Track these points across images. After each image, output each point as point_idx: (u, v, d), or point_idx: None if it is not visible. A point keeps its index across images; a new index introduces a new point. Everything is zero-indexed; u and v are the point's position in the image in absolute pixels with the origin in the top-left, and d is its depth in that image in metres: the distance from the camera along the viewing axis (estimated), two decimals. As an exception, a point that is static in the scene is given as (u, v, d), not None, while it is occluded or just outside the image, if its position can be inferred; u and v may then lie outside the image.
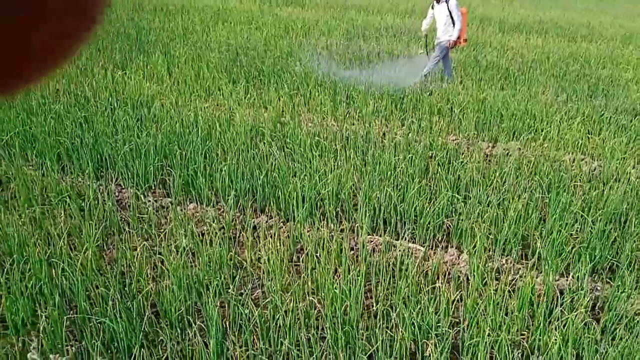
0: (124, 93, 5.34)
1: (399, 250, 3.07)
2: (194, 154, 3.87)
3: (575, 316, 2.34)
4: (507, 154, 4.62)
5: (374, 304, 2.61)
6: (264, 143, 4.27)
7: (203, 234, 3.20)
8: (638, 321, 2.47)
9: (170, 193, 3.67)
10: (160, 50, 7.35)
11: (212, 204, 3.54)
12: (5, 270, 2.47)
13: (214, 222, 3.24)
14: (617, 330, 2.39)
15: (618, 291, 2.65)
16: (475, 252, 2.92)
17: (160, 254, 2.90)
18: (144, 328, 2.24)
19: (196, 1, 13.28)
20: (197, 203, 3.57)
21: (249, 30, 9.78)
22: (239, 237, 3.23)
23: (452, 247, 3.22)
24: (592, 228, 3.21)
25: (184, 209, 3.46)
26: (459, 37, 6.62)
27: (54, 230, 2.94)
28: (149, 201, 3.52)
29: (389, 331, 2.30)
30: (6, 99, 0.26)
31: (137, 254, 2.85)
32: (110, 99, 5.04)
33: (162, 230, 3.23)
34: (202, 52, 7.39)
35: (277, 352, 2.21)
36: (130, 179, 3.72)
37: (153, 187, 3.75)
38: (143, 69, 6.34)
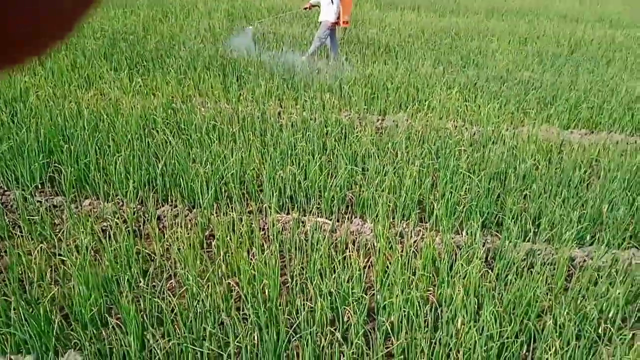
0: (-9, 87, 4.86)
1: (308, 226, 3.16)
2: (83, 148, 3.65)
3: (473, 268, 2.58)
4: (396, 125, 4.87)
5: (290, 280, 2.67)
6: (157, 131, 4.13)
7: (104, 230, 3.06)
8: (524, 267, 2.77)
9: (61, 191, 3.44)
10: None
11: (109, 199, 3.39)
12: None
13: (114, 216, 3.11)
14: (508, 276, 2.66)
15: (506, 242, 2.95)
16: (378, 219, 3.08)
17: (59, 255, 2.73)
18: (55, 332, 2.12)
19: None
20: (92, 199, 3.39)
21: (124, 14, 9.26)
22: (143, 229, 3.13)
23: (357, 217, 3.37)
24: (478, 187, 3.51)
25: (79, 206, 3.28)
26: (338, 19, 6.83)
27: None
28: (39, 201, 3.28)
29: (308, 302, 2.38)
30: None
31: (34, 258, 2.66)
32: (-24, 94, 4.57)
33: (57, 230, 3.04)
34: (76, 39, 6.89)
35: (201, 338, 2.21)
36: (14, 179, 3.43)
37: (41, 187, 3.50)
38: (10, 59, 5.79)
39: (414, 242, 3.02)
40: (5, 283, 2.55)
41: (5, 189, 3.43)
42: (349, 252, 2.88)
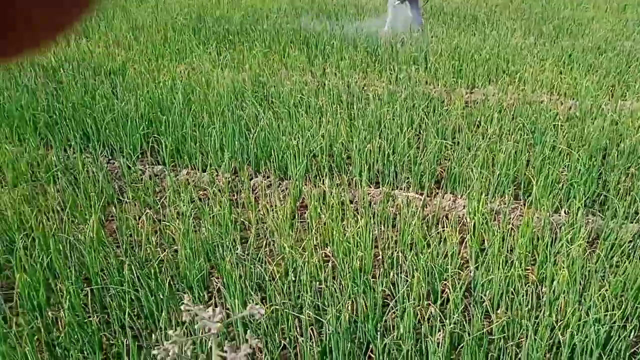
0: (93, 62, 5.15)
1: (399, 200, 3.14)
2: (180, 119, 3.80)
3: (575, 248, 2.47)
4: (486, 98, 4.70)
5: (381, 252, 2.68)
6: (247, 103, 4.22)
7: (201, 199, 3.19)
8: (631, 248, 2.62)
9: (160, 160, 3.61)
10: (121, 15, 7.07)
11: (204, 168, 3.52)
12: (15, 248, 2.43)
13: (210, 186, 3.23)
14: (614, 258, 2.53)
15: (610, 222, 2.79)
16: (471, 195, 3.01)
17: (162, 221, 2.88)
18: (165, 293, 2.25)
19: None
20: (189, 168, 3.54)
21: (208, -12, 9.46)
22: (238, 198, 3.23)
23: (448, 192, 3.31)
24: (577, 164, 3.34)
25: (178, 174, 3.43)
26: None
27: (50, 204, 2.88)
28: (141, 170, 3.46)
29: (403, 275, 2.38)
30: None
31: (140, 223, 2.83)
32: (79, 68, 4.86)
33: (159, 197, 3.20)
34: (165, 15, 7.14)
35: (299, 306, 2.27)
36: (118, 149, 3.64)
37: (141, 156, 3.69)
38: (107, 35, 6.10)
39: (510, 219, 2.93)
40: (113, 246, 2.73)
41: (110, 157, 3.64)
42: (442, 227, 2.84)
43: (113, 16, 6.98)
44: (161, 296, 2.24)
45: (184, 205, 2.96)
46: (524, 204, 3.08)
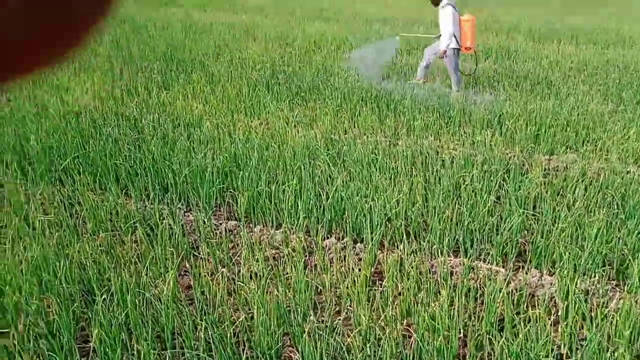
0: (172, 113, 5.33)
1: (480, 273, 2.97)
2: (256, 175, 3.81)
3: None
4: (566, 166, 4.50)
5: (463, 330, 2.51)
6: (320, 161, 4.20)
7: (275, 258, 3.14)
8: None
9: (234, 215, 3.62)
10: (199, 69, 7.37)
11: (277, 226, 3.48)
12: (95, 302, 2.43)
13: (285, 245, 3.18)
14: None
15: None
16: (561, 272, 2.80)
17: (235, 280, 2.84)
18: (240, 361, 2.17)
19: (223, 18, 13.36)
20: (262, 225, 3.51)
21: (280, 46, 9.79)
22: (310, 259, 3.16)
23: (532, 267, 3.11)
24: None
25: (251, 231, 3.41)
26: (466, 47, 6.70)
27: (129, 256, 2.90)
28: (215, 224, 3.47)
29: (492, 361, 2.20)
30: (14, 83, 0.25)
31: (214, 280, 2.79)
32: (159, 119, 5.04)
33: (232, 253, 3.17)
34: (241, 70, 7.39)
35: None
36: (194, 202, 3.68)
37: (216, 209, 3.71)
38: (185, 88, 6.35)
39: (603, 302, 2.70)
40: (189, 301, 2.70)
41: (186, 210, 3.68)
42: (529, 306, 2.64)
43: (192, 70, 7.29)
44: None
45: (258, 264, 2.92)
46: (620, 286, 2.84)
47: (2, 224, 3.27)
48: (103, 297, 2.43)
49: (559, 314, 2.68)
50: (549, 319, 2.54)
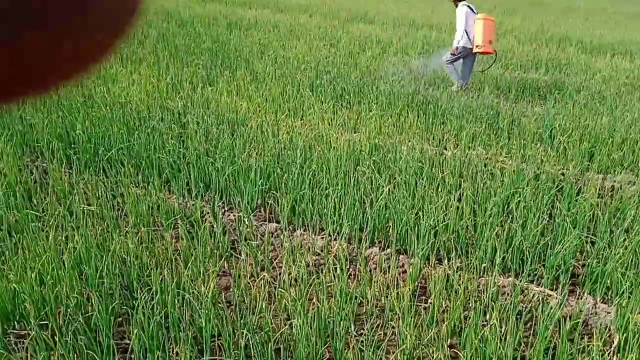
0: (216, 110, 5.31)
1: (530, 295, 2.82)
2: (300, 177, 3.74)
3: None
4: (620, 187, 4.28)
5: (512, 354, 2.37)
6: (364, 166, 4.10)
7: (315, 265, 3.06)
8: None
9: (275, 218, 3.55)
10: (243, 66, 7.36)
11: (318, 231, 3.40)
12: (137, 300, 2.39)
13: (326, 252, 3.09)
14: None
15: None
16: (624, 303, 2.63)
17: (275, 285, 2.76)
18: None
19: (268, 16, 13.38)
20: (303, 229, 3.43)
21: (324, 47, 9.71)
22: (351, 268, 3.06)
23: (585, 293, 2.94)
24: None
25: (292, 235, 3.33)
26: (476, 44, 6.76)
27: (170, 254, 2.86)
28: (255, 226, 3.40)
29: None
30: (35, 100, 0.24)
31: (253, 284, 2.73)
32: (203, 115, 5.02)
33: (272, 257, 3.10)
34: (285, 69, 7.34)
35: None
36: (236, 201, 3.63)
37: (257, 210, 3.65)
38: (229, 84, 6.33)
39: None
40: (228, 303, 2.64)
41: (226, 209, 3.63)
42: (582, 334, 2.49)
43: (236, 67, 7.28)
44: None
45: (297, 269, 2.84)
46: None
47: (46, 212, 3.28)
48: (144, 295, 2.38)
49: (614, 345, 2.52)
50: (606, 351, 2.38)
